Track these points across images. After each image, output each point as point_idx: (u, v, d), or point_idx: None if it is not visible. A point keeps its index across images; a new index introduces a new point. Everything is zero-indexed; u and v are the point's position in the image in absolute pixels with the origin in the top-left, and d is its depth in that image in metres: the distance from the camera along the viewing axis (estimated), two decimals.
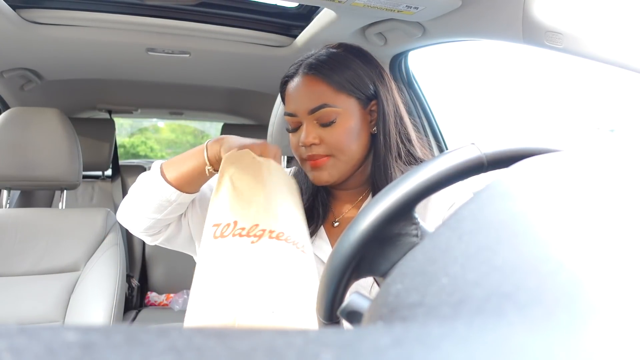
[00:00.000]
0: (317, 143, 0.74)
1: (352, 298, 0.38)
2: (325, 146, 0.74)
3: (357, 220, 0.39)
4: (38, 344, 0.11)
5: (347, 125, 0.74)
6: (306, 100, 0.74)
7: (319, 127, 0.74)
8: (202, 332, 0.12)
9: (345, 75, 0.74)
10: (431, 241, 0.21)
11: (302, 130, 0.75)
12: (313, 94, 0.74)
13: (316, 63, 0.76)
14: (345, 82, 0.74)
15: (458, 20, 1.02)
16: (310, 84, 0.75)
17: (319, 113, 0.73)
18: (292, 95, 0.77)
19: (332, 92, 0.74)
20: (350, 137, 0.74)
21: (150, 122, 6.92)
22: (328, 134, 0.74)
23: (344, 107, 0.74)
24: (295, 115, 0.76)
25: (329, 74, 0.74)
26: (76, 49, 1.46)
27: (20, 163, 1.37)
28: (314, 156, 0.75)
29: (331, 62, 0.75)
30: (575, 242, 0.18)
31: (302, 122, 0.75)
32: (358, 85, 0.75)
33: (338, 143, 0.73)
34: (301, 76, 0.76)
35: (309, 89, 0.75)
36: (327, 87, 0.74)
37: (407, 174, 0.39)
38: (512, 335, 0.13)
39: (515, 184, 0.23)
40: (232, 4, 1.35)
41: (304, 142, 0.74)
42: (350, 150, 0.74)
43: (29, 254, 1.29)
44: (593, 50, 0.75)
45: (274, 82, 1.42)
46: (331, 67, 0.75)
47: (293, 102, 0.76)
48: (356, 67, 0.76)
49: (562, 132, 2.61)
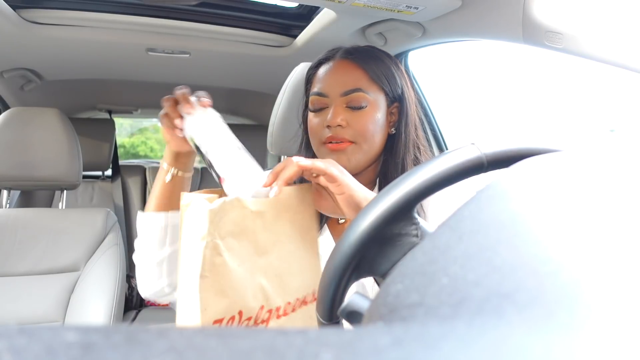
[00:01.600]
0: (344, 125, 0.74)
1: (352, 298, 0.38)
2: (351, 130, 0.74)
3: (357, 220, 0.39)
4: (38, 344, 0.11)
5: (375, 114, 0.75)
6: (341, 82, 0.75)
7: (347, 111, 0.75)
8: (202, 332, 0.12)
9: (381, 68, 0.76)
10: (431, 241, 0.21)
11: (329, 111, 0.75)
12: (349, 77, 0.75)
13: (354, 50, 0.78)
14: (380, 74, 0.76)
15: (458, 20, 1.02)
16: (347, 67, 0.76)
17: (351, 96, 0.74)
18: (325, 76, 0.78)
19: (367, 80, 0.75)
20: (375, 127, 0.75)
21: (150, 122, 6.91)
22: (356, 119, 0.74)
23: (375, 97, 0.76)
24: (326, 95, 0.76)
25: (367, 61, 0.76)
26: (76, 49, 1.46)
27: (20, 163, 1.37)
28: (336, 138, 0.74)
29: (369, 53, 0.78)
30: (575, 243, 0.18)
31: (330, 105, 0.76)
32: (390, 81, 0.77)
33: (364, 129, 0.74)
34: (338, 60, 0.78)
35: (345, 72, 0.76)
36: (364, 74, 0.75)
37: (407, 173, 0.39)
38: (512, 336, 0.13)
39: (515, 184, 0.23)
40: (232, 4, 1.35)
41: (331, 122, 0.74)
42: (373, 140, 0.75)
43: (29, 254, 1.29)
44: (593, 50, 0.75)
45: (274, 82, 1.42)
46: (369, 56, 0.77)
47: (325, 83, 0.77)
48: (390, 65, 0.78)
49: (562, 132, 2.61)
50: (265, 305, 0.54)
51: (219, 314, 0.50)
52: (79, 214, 1.40)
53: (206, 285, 0.49)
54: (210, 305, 0.49)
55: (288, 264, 0.58)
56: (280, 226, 0.58)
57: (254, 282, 0.54)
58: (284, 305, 0.57)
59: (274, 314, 0.55)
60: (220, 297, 0.50)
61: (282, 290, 0.57)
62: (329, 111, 0.75)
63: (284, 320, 0.56)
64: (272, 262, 0.56)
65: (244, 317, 0.52)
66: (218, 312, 0.50)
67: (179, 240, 0.55)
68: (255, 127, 2.60)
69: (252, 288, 0.54)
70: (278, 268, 0.57)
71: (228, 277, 0.51)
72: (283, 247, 0.58)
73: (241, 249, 0.53)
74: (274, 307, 0.55)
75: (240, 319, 0.52)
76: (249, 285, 0.53)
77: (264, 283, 0.55)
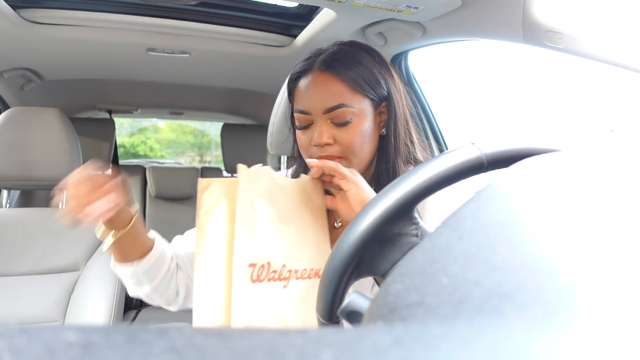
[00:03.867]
0: (331, 143, 0.72)
1: (352, 298, 0.38)
2: (339, 147, 0.72)
3: (357, 220, 0.39)
4: (38, 344, 0.11)
5: (362, 126, 0.72)
6: (322, 99, 0.71)
7: (333, 127, 0.72)
8: (202, 332, 0.12)
9: (362, 75, 0.72)
10: (431, 241, 0.21)
11: (315, 129, 0.73)
12: (330, 93, 0.71)
13: (331, 60, 0.73)
14: (362, 82, 0.72)
15: (458, 20, 1.02)
16: (326, 82, 0.72)
17: (335, 113, 0.71)
18: (305, 92, 0.74)
19: (349, 92, 0.71)
20: (363, 139, 0.72)
21: (150, 122, 6.92)
22: (342, 135, 0.71)
23: (360, 108, 0.72)
24: (309, 113, 0.73)
25: (346, 72, 0.71)
26: (76, 49, 1.46)
27: (20, 163, 1.36)
28: (327, 158, 0.72)
29: (347, 60, 0.73)
30: (575, 242, 0.18)
31: (315, 121, 0.73)
32: (373, 86, 0.73)
33: (352, 144, 0.71)
34: (316, 73, 0.73)
35: (325, 87, 0.72)
36: (345, 86, 0.71)
37: (407, 173, 0.39)
38: (512, 335, 0.13)
39: (515, 183, 0.23)
40: (232, 3, 1.35)
41: (318, 142, 0.72)
42: (362, 152, 0.73)
43: (29, 254, 1.29)
44: (593, 50, 0.75)
45: (274, 82, 1.42)
46: (347, 65, 0.72)
47: (307, 100, 0.73)
48: (371, 67, 0.73)
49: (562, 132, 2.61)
50: (286, 264, 0.61)
51: (253, 259, 0.57)
52: None
53: (243, 233, 0.58)
54: (246, 251, 0.57)
55: (304, 236, 0.66)
56: (297, 204, 0.66)
57: (278, 242, 0.61)
58: (301, 269, 0.63)
59: (293, 274, 0.62)
60: (255, 244, 0.58)
61: (299, 256, 0.64)
62: (314, 128, 0.73)
63: (302, 283, 0.63)
64: (291, 231, 0.64)
65: (271, 269, 0.59)
66: (252, 257, 0.57)
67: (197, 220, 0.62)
68: (255, 127, 2.60)
69: (277, 246, 0.61)
70: (296, 237, 0.64)
71: (261, 229, 0.60)
72: (300, 222, 0.66)
73: (268, 211, 0.62)
74: (293, 268, 0.62)
75: (268, 270, 0.59)
76: (274, 243, 0.61)
77: (285, 246, 0.62)
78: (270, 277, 0.60)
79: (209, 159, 7.09)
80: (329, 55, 0.74)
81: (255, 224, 0.60)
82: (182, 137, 7.40)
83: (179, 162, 4.62)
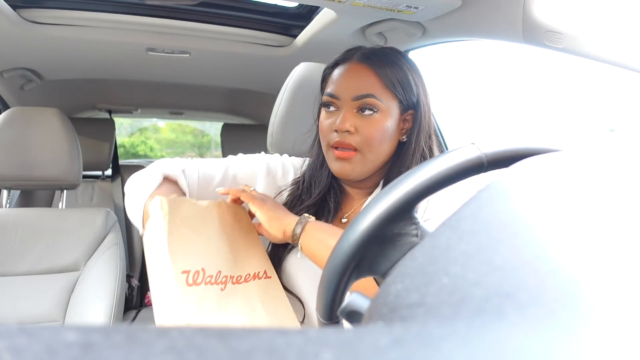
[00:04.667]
0: (352, 131, 0.73)
1: (352, 298, 0.38)
2: (358, 137, 0.73)
3: (357, 220, 0.39)
4: (38, 344, 0.11)
5: (384, 122, 0.74)
6: (354, 86, 0.74)
7: (357, 116, 0.74)
8: (203, 331, 0.12)
9: (397, 75, 0.74)
10: (431, 241, 0.21)
11: (339, 115, 0.75)
12: (362, 82, 0.74)
13: (371, 54, 0.76)
14: (395, 81, 0.74)
15: (458, 20, 1.02)
16: (362, 71, 0.75)
17: (362, 101, 0.73)
18: (339, 78, 0.76)
19: (380, 86, 0.74)
20: (383, 136, 0.74)
21: (150, 122, 6.92)
22: (364, 125, 0.73)
23: (387, 105, 0.74)
24: (338, 98, 0.75)
25: (382, 67, 0.74)
26: (76, 49, 1.46)
27: (20, 163, 1.36)
28: (343, 145, 0.74)
29: (387, 58, 0.76)
30: (575, 242, 0.18)
31: (341, 107, 0.75)
32: (405, 89, 0.75)
33: (371, 137, 0.73)
34: (353, 63, 0.76)
35: (359, 76, 0.74)
36: (378, 80, 0.74)
37: (407, 173, 0.39)
38: (513, 335, 0.13)
39: (515, 183, 0.23)
40: (232, 3, 1.35)
41: (340, 127, 0.73)
42: (379, 149, 0.74)
43: (29, 254, 1.29)
44: (593, 50, 0.75)
45: (274, 82, 1.42)
46: (386, 62, 0.75)
47: (338, 85, 0.76)
48: (406, 70, 0.76)
49: (562, 132, 2.61)
50: (221, 271, 0.66)
51: (186, 267, 0.62)
52: (79, 214, 1.40)
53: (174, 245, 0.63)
54: (179, 260, 0.62)
55: (237, 247, 0.71)
56: (225, 222, 0.72)
57: (211, 252, 0.67)
58: (236, 276, 0.68)
59: (229, 279, 0.67)
60: (186, 255, 0.63)
61: (234, 264, 0.69)
62: (339, 114, 0.75)
63: (240, 287, 0.68)
64: (223, 243, 0.69)
65: (206, 274, 0.64)
66: (185, 266, 0.62)
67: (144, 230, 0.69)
68: (255, 127, 2.60)
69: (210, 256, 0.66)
70: (229, 248, 0.70)
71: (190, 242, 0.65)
72: (230, 235, 0.71)
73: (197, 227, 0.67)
74: (228, 274, 0.67)
75: (204, 275, 0.64)
76: (207, 253, 0.66)
77: (219, 256, 0.68)
78: (207, 281, 0.64)
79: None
80: (369, 50, 0.77)
81: (184, 238, 0.65)
82: (182, 137, 7.40)
83: None
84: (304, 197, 0.82)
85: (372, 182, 0.80)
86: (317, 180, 0.82)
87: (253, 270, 0.71)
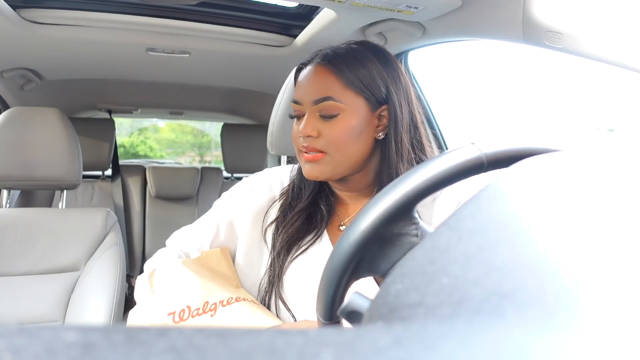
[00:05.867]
0: (315, 136, 0.72)
1: (352, 298, 0.38)
2: (323, 140, 0.72)
3: (356, 220, 0.39)
4: (38, 344, 0.11)
5: (349, 123, 0.71)
6: (312, 90, 0.73)
7: (319, 120, 0.72)
8: (203, 332, 0.12)
9: (357, 73, 0.72)
10: (431, 241, 0.21)
11: (303, 120, 0.74)
12: (320, 85, 0.72)
13: (331, 55, 0.74)
14: (356, 79, 0.72)
15: (458, 20, 1.02)
16: (319, 74, 0.73)
17: (322, 105, 0.72)
18: (301, 83, 0.76)
19: (339, 86, 0.71)
20: (349, 136, 0.72)
21: (150, 122, 6.92)
22: (327, 129, 0.72)
23: (349, 105, 0.72)
24: (300, 103, 0.74)
25: (341, 67, 0.72)
26: (76, 49, 1.46)
27: (20, 163, 1.36)
28: (309, 148, 0.73)
29: (347, 57, 0.73)
30: (575, 242, 0.18)
31: (305, 112, 0.74)
32: (369, 86, 0.72)
33: (335, 140, 0.71)
34: (314, 65, 0.74)
35: (317, 79, 0.73)
36: (336, 80, 0.72)
37: (407, 173, 0.39)
38: (512, 335, 0.13)
39: (515, 183, 0.23)
40: (232, 3, 1.35)
41: (302, 132, 0.73)
42: (346, 150, 0.72)
43: (29, 254, 1.29)
44: (593, 50, 0.75)
45: (274, 82, 1.42)
46: (345, 61, 0.72)
47: (300, 90, 0.75)
48: (372, 67, 0.73)
49: (562, 132, 2.61)
50: (209, 300, 0.71)
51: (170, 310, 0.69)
52: (79, 214, 1.40)
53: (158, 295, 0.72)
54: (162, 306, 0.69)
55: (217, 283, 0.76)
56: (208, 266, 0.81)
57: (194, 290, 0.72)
58: (226, 298, 0.72)
59: (219, 304, 0.71)
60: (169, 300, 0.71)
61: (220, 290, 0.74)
62: (304, 119, 0.74)
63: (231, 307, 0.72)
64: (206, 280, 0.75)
65: (192, 309, 0.69)
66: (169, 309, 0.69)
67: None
68: (255, 127, 2.60)
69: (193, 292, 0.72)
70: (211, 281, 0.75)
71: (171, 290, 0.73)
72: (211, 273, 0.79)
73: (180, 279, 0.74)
74: (217, 300, 0.71)
75: (189, 311, 0.69)
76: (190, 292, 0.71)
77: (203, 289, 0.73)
78: (194, 315, 0.69)
79: (209, 159, 7.10)
80: (332, 50, 0.75)
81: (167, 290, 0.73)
82: (182, 137, 7.40)
83: (179, 162, 4.62)
84: (294, 202, 0.81)
85: (362, 184, 0.79)
86: (305, 184, 0.81)
87: (235, 295, 0.75)
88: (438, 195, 0.78)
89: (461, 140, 1.68)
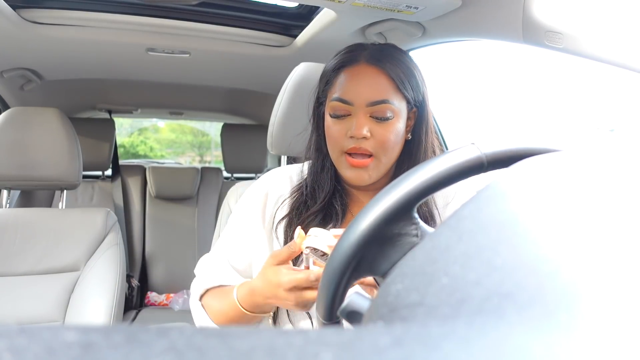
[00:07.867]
0: (368, 137, 0.72)
1: (352, 298, 0.38)
2: (373, 142, 0.72)
3: (357, 220, 0.39)
4: (38, 344, 0.11)
5: (397, 125, 0.73)
6: (368, 92, 0.72)
7: (371, 121, 0.72)
8: (203, 332, 0.12)
9: (407, 76, 0.73)
10: (431, 241, 0.21)
11: (351, 120, 0.73)
12: (377, 87, 0.72)
13: (380, 55, 0.73)
14: (407, 83, 0.73)
15: (458, 20, 1.02)
16: (374, 75, 0.72)
17: (377, 107, 0.71)
18: (350, 82, 0.73)
19: (394, 90, 0.72)
20: (396, 139, 0.73)
21: (150, 122, 6.92)
22: (379, 130, 0.72)
23: (399, 107, 0.73)
24: (351, 104, 0.73)
25: (394, 70, 0.72)
26: (76, 49, 1.46)
27: (20, 163, 1.36)
28: (359, 151, 0.72)
29: (395, 59, 0.74)
30: (575, 242, 0.18)
31: (353, 113, 0.73)
32: (414, 89, 0.74)
33: (386, 142, 0.72)
34: (364, 65, 0.73)
35: (373, 80, 0.72)
36: (391, 84, 0.72)
37: (407, 173, 0.39)
38: (512, 335, 0.13)
39: (515, 183, 0.23)
40: (232, 4, 1.35)
41: (356, 134, 0.71)
42: (392, 151, 0.74)
43: (29, 254, 1.29)
44: (593, 50, 0.75)
45: (274, 82, 1.42)
46: (396, 63, 0.73)
47: (350, 90, 0.73)
48: (413, 69, 0.75)
49: (562, 132, 2.61)
50: None
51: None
52: (79, 214, 1.40)
53: None
54: None
55: None
56: None
57: None
58: None
59: None
60: None
61: None
62: (351, 120, 0.73)
63: None
64: None
65: None
66: None
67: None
68: (255, 127, 2.60)
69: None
70: None
71: None
72: None
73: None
74: None
75: None
76: None
77: None
78: None
79: (209, 159, 7.10)
80: (377, 50, 0.75)
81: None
82: (182, 137, 7.40)
83: (179, 162, 4.62)
84: (310, 202, 0.80)
85: (381, 183, 0.79)
86: (319, 185, 0.80)
87: None
88: (450, 200, 0.79)
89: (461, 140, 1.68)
